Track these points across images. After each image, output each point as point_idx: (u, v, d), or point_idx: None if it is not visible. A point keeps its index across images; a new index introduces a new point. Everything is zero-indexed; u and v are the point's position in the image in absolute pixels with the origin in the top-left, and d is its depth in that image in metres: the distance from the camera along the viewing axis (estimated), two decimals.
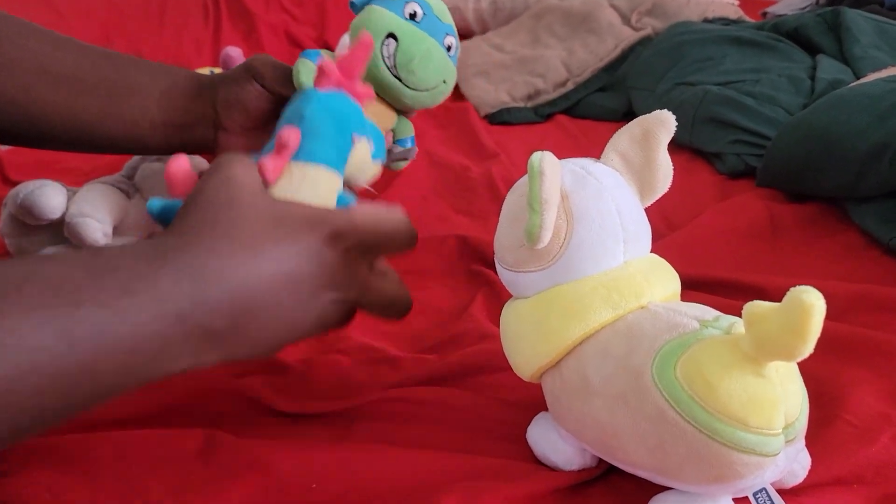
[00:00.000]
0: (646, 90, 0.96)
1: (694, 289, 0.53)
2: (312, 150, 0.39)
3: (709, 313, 0.34)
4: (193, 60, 1.20)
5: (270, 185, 0.37)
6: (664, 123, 0.37)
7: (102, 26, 1.22)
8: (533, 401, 0.41)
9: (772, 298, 0.29)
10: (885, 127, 0.60)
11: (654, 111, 0.37)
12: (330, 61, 0.41)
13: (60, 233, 0.60)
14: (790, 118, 0.74)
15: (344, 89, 0.41)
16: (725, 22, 1.09)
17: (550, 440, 0.39)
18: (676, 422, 0.31)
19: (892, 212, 0.60)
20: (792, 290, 0.27)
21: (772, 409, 0.30)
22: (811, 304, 0.27)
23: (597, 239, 0.35)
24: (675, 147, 0.37)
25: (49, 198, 0.57)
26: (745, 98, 0.81)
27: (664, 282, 0.36)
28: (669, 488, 0.34)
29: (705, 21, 1.09)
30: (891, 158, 0.59)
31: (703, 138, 0.82)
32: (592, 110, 1.02)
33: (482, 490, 0.36)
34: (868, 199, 0.62)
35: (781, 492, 0.35)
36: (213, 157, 0.68)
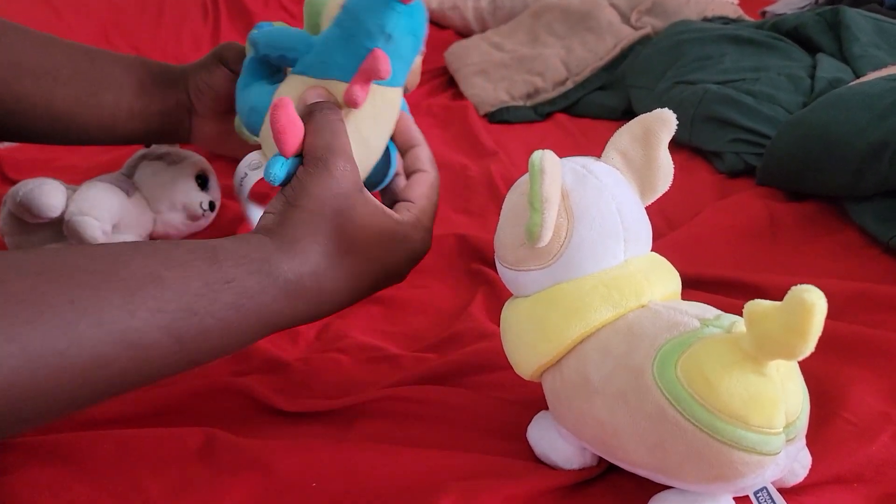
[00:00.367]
0: (645, 89, 0.96)
1: (694, 287, 0.53)
2: (395, 72, 0.39)
3: (709, 312, 0.34)
4: (192, 58, 1.19)
5: (356, 110, 0.38)
6: (665, 122, 0.37)
7: (101, 24, 1.22)
8: (533, 399, 0.41)
9: (771, 297, 0.29)
10: (885, 126, 0.60)
11: (656, 110, 0.37)
12: None
13: (60, 231, 0.60)
14: (790, 117, 0.74)
15: None
16: (725, 21, 1.09)
17: (550, 439, 0.39)
18: (677, 420, 0.31)
19: (892, 211, 0.60)
20: (793, 288, 0.27)
21: (773, 408, 0.30)
22: (813, 303, 0.27)
23: (597, 238, 0.35)
24: (674, 146, 0.37)
25: (48, 196, 0.57)
26: (745, 97, 0.81)
27: (664, 280, 0.36)
28: (670, 487, 0.34)
29: (705, 20, 1.09)
30: (890, 157, 0.59)
31: (702, 137, 0.82)
32: (592, 109, 1.02)
33: (482, 489, 0.36)
34: (867, 198, 0.62)
35: (782, 490, 0.35)
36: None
